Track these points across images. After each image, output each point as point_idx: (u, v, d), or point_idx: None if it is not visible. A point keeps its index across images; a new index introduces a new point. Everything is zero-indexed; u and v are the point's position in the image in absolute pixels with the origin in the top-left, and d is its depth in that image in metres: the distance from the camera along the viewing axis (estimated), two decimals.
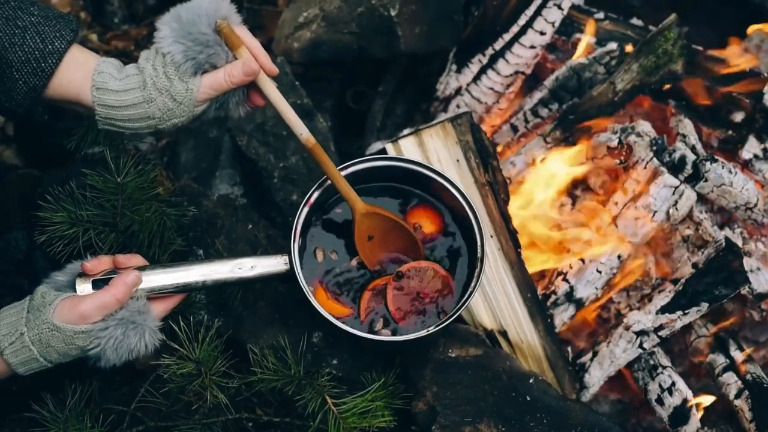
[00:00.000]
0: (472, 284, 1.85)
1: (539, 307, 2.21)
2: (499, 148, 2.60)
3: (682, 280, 2.21)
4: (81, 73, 1.61)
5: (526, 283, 2.20)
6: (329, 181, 1.87)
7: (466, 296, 1.84)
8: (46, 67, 1.58)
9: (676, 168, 2.31)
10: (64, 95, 1.63)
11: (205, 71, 1.65)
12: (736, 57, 2.56)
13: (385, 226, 1.91)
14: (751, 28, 2.69)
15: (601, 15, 2.69)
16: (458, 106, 2.67)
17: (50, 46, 1.58)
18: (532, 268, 2.29)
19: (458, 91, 2.65)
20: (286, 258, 1.81)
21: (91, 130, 1.92)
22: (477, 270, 1.87)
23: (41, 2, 1.65)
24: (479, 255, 1.88)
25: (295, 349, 1.89)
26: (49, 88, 1.61)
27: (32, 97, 1.60)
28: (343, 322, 1.80)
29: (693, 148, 2.38)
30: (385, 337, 1.84)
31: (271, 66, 1.71)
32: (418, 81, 2.90)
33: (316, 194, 1.89)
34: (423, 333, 1.81)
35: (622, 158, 2.34)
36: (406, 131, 2.46)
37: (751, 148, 2.44)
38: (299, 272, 1.79)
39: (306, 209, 1.88)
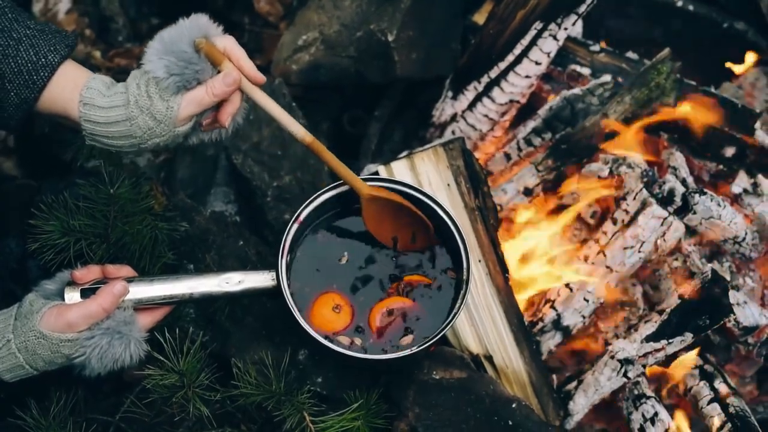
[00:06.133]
0: (457, 305, 1.87)
1: (525, 333, 2.22)
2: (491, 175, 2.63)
3: (668, 310, 2.22)
4: (71, 88, 1.62)
5: (512, 308, 2.21)
6: (319, 199, 1.91)
7: (450, 317, 1.85)
8: (38, 80, 1.59)
9: (665, 200, 2.33)
10: (53, 109, 1.64)
11: (192, 88, 1.65)
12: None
13: (391, 207, 1.93)
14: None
15: (597, 47, 2.73)
16: (453, 133, 2.69)
17: (43, 60, 1.59)
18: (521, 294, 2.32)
19: (454, 118, 2.68)
20: (273, 274, 1.82)
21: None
22: (462, 292, 1.88)
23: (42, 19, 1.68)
24: (465, 277, 1.90)
25: (279, 365, 1.89)
26: (39, 101, 1.62)
27: (24, 109, 1.61)
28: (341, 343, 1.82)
29: (683, 181, 2.40)
30: (368, 355, 1.84)
31: (256, 74, 1.71)
32: (417, 107, 2.93)
33: (306, 212, 1.91)
34: (406, 352, 1.81)
35: (613, 189, 2.37)
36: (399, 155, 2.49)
37: (741, 182, 2.47)
38: (285, 288, 1.81)
39: (295, 226, 1.90)
